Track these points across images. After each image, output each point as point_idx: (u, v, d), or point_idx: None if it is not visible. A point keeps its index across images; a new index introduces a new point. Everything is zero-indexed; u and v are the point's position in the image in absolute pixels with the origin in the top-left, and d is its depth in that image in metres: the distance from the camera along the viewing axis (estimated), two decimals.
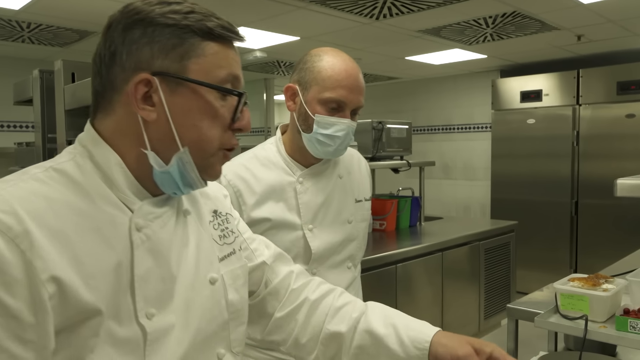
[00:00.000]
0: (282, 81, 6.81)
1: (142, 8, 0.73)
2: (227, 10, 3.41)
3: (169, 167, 0.73)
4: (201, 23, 0.73)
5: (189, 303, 0.78)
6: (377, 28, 3.91)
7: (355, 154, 1.56)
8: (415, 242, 3.24)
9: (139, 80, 0.71)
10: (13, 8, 3.25)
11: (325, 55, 1.32)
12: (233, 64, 0.77)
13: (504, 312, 3.93)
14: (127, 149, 0.74)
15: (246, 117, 0.79)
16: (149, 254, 0.73)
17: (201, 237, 0.85)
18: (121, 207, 0.73)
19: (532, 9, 3.48)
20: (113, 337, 0.67)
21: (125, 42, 0.72)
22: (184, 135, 0.73)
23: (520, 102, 5.23)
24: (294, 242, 1.34)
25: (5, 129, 4.52)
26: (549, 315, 1.21)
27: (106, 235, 0.69)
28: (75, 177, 0.71)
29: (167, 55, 0.71)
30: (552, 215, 5.07)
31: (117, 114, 0.74)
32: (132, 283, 0.70)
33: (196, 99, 0.73)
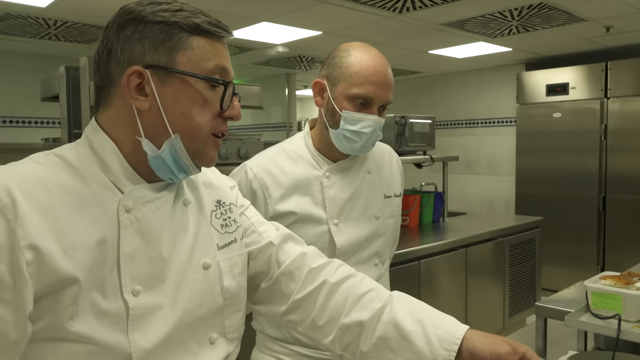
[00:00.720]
0: (304, 76, 6.80)
1: (134, 8, 0.80)
2: (250, 5, 3.41)
3: (160, 152, 0.79)
4: (188, 19, 0.79)
5: (179, 286, 0.83)
6: (399, 22, 3.87)
7: (387, 149, 1.54)
8: (438, 238, 3.20)
9: (132, 72, 0.77)
10: (40, 6, 3.31)
11: (354, 50, 1.30)
12: (220, 56, 0.82)
13: (529, 310, 3.87)
14: (124, 137, 0.81)
15: (236, 107, 0.85)
16: (137, 235, 0.78)
17: (200, 225, 0.89)
18: (113, 190, 0.79)
19: (559, 0, 3.40)
20: (96, 308, 0.73)
21: (119, 39, 0.79)
22: (175, 122, 0.79)
23: (546, 95, 5.13)
24: (319, 236, 1.33)
25: (32, 125, 4.61)
26: (579, 314, 1.18)
27: (92, 213, 0.75)
28: (72, 162, 0.78)
29: (157, 50, 0.78)
30: (579, 211, 4.97)
31: (115, 105, 0.81)
32: (118, 260, 0.76)
33: (185, 89, 0.79)
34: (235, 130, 7.22)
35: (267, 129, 6.98)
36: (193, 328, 0.84)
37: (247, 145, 2.34)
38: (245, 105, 2.51)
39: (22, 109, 4.57)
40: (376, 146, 1.44)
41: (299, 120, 7.51)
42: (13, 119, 4.55)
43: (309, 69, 6.19)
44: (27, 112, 4.59)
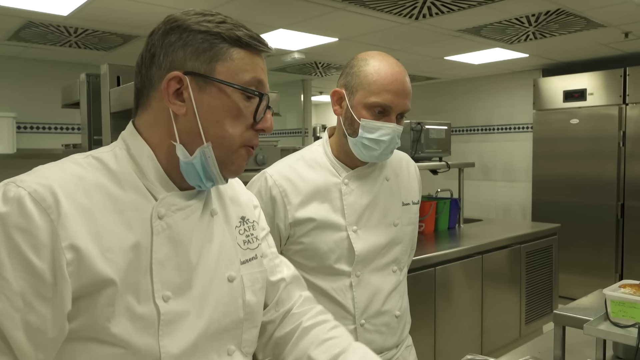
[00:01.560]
0: (320, 82, 6.83)
1: (180, 17, 0.83)
2: (267, 12, 3.44)
3: (192, 158, 0.81)
4: (231, 31, 0.82)
5: (205, 295, 0.84)
6: (416, 28, 3.88)
7: (405, 156, 1.55)
8: (454, 245, 3.19)
9: (172, 77, 0.80)
10: (62, 14, 3.37)
11: (372, 59, 1.32)
12: (258, 69, 0.84)
13: (545, 318, 3.84)
14: (159, 140, 0.83)
15: (268, 119, 0.86)
16: (168, 241, 0.80)
17: (225, 237, 0.91)
18: (147, 196, 0.81)
19: (577, 7, 3.38)
20: (131, 311, 0.75)
21: (163, 45, 0.82)
22: (208, 130, 0.81)
23: (563, 101, 5.09)
24: (337, 242, 1.34)
25: (53, 131, 4.69)
26: (598, 323, 1.18)
27: (128, 218, 0.78)
28: (110, 165, 0.81)
29: (198, 58, 0.80)
30: (597, 218, 4.92)
31: (153, 109, 0.83)
32: (151, 265, 0.78)
33: (221, 98, 0.81)
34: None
35: (283, 134, 7.02)
36: (216, 338, 0.86)
37: (264, 152, 2.36)
38: None
39: (43, 115, 4.66)
40: (394, 154, 1.45)
41: (314, 126, 7.54)
42: (34, 125, 4.64)
43: (325, 75, 6.21)
44: (47, 118, 4.67)
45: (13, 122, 4.10)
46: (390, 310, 1.41)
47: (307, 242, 1.34)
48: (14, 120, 4.11)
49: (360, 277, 1.36)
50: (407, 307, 1.51)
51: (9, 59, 4.54)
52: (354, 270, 1.36)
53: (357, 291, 1.36)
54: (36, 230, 0.69)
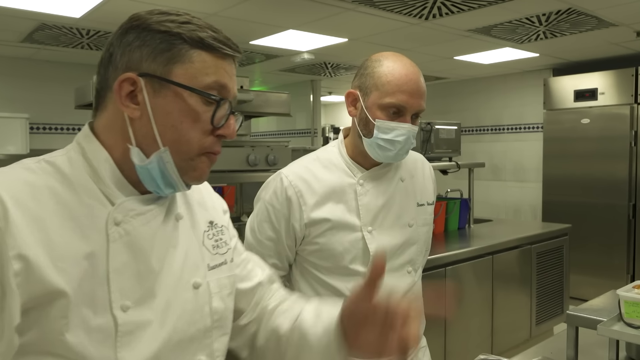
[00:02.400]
0: (329, 82, 6.84)
1: (141, 16, 0.79)
2: (277, 13, 3.45)
3: (148, 162, 0.77)
4: (193, 32, 0.77)
5: (169, 303, 0.81)
6: (425, 28, 3.88)
7: (420, 157, 1.55)
8: (464, 245, 3.19)
9: (124, 79, 0.76)
10: (74, 16, 3.41)
11: (386, 60, 1.32)
12: (221, 73, 0.79)
13: (556, 318, 3.82)
14: (116, 144, 0.79)
15: (231, 125, 0.82)
16: (126, 249, 0.76)
17: (191, 242, 0.88)
18: (103, 201, 0.77)
19: (588, 6, 3.37)
20: (86, 323, 0.71)
21: (121, 44, 0.78)
22: (165, 134, 0.77)
23: (574, 101, 5.07)
24: (353, 243, 1.35)
25: (65, 132, 4.74)
26: (612, 323, 1.18)
27: (82, 225, 0.74)
28: (63, 170, 0.76)
29: (155, 59, 0.76)
30: (608, 219, 4.88)
31: (109, 110, 0.80)
32: (108, 274, 0.74)
33: (178, 102, 0.77)
34: (262, 137, 7.30)
35: (292, 135, 7.04)
36: (182, 348, 0.83)
37: (275, 152, 2.38)
38: (274, 112, 2.54)
39: (56, 115, 4.71)
40: (409, 154, 1.45)
41: (323, 127, 7.55)
42: (47, 125, 4.69)
43: (334, 76, 6.22)
44: (60, 119, 4.72)
45: (26, 123, 4.15)
46: None
47: (322, 243, 1.35)
48: (27, 121, 4.16)
49: None
50: (422, 308, 1.50)
51: (23, 61, 4.59)
52: None
53: None
54: None
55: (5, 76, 4.51)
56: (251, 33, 3.98)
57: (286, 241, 1.37)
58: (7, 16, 3.38)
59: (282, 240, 1.37)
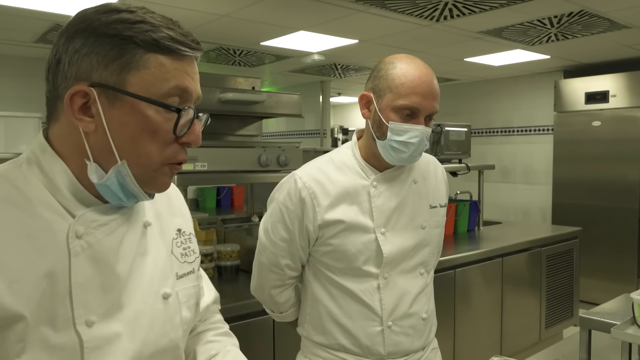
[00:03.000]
0: (338, 83, 6.84)
1: (87, 17, 0.71)
2: (289, 14, 3.47)
3: (105, 179, 0.72)
4: (147, 34, 0.70)
5: (139, 315, 0.78)
6: (436, 30, 3.87)
7: (432, 159, 1.56)
8: (474, 247, 3.19)
9: (74, 92, 0.70)
10: None
11: (399, 62, 1.33)
12: (181, 76, 0.73)
13: (566, 322, 3.80)
14: (71, 156, 0.74)
15: (195, 131, 0.76)
16: (89, 262, 0.72)
17: (159, 250, 0.84)
18: (62, 214, 0.72)
19: (600, 8, 3.35)
20: (46, 342, 0.68)
21: (68, 51, 0.71)
22: (122, 148, 0.72)
23: (585, 103, 5.04)
24: (366, 245, 1.35)
25: None
26: (626, 327, 1.18)
27: (39, 242, 0.69)
28: (17, 183, 0.72)
29: (107, 67, 0.70)
30: (619, 222, 4.85)
31: (62, 121, 0.74)
32: (70, 291, 0.70)
33: (134, 113, 0.71)
34: (272, 138, 7.32)
35: (301, 135, 7.05)
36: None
37: (286, 153, 2.39)
38: (285, 113, 2.56)
39: None
40: (422, 156, 1.46)
41: (332, 127, 7.56)
42: None
43: (343, 77, 6.23)
44: None
45: (39, 122, 4.19)
46: (417, 313, 1.42)
47: (336, 244, 1.35)
48: (40, 120, 4.20)
49: (388, 279, 1.37)
50: (434, 310, 1.51)
51: (36, 61, 4.64)
52: (382, 272, 1.37)
53: (384, 293, 1.37)
54: None
55: (19, 76, 4.56)
56: (262, 34, 4.00)
57: (299, 242, 1.38)
58: (21, 17, 3.42)
59: (295, 241, 1.38)
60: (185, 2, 3.10)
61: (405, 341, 1.40)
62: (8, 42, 4.11)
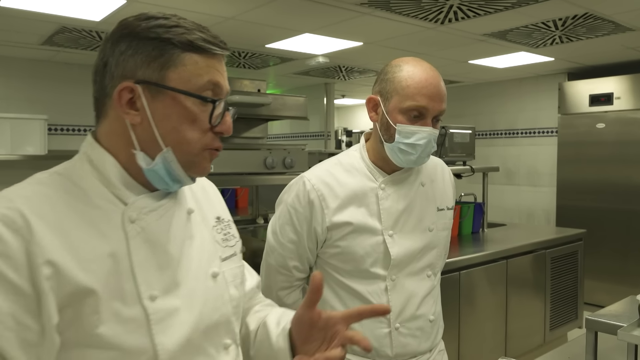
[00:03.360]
0: (342, 86, 6.86)
1: (130, 23, 0.82)
2: (294, 17, 3.48)
3: (153, 165, 0.82)
4: (182, 36, 0.80)
5: (193, 291, 0.86)
6: (441, 32, 3.88)
7: (440, 162, 1.56)
8: (478, 249, 3.19)
9: (122, 87, 0.80)
10: (94, 20, 3.47)
11: (405, 65, 1.34)
12: (213, 72, 0.83)
13: (570, 324, 3.80)
14: (120, 149, 0.83)
15: (227, 122, 0.86)
16: (144, 243, 0.82)
17: (204, 235, 0.93)
18: (115, 202, 0.82)
19: (605, 10, 3.36)
20: (118, 315, 0.77)
21: (114, 53, 0.81)
22: (166, 136, 0.81)
23: (589, 105, 5.04)
24: (374, 246, 1.36)
25: (83, 133, 4.80)
26: (632, 328, 1.19)
27: (100, 228, 0.79)
28: (74, 179, 0.81)
29: (149, 66, 0.80)
30: (624, 224, 4.85)
31: (110, 118, 0.83)
32: (132, 269, 0.80)
33: (175, 105, 0.81)
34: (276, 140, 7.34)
35: (305, 137, 7.06)
36: (209, 333, 0.88)
37: (292, 155, 2.40)
38: (291, 115, 2.57)
39: (74, 117, 4.78)
40: (429, 159, 1.46)
41: (336, 129, 7.56)
42: (65, 126, 4.76)
43: (348, 79, 6.24)
44: (78, 120, 4.79)
45: (45, 124, 4.22)
46: (424, 315, 1.42)
47: (344, 246, 1.36)
48: (45, 122, 4.23)
49: (396, 281, 1.38)
50: (441, 312, 1.52)
51: (42, 63, 4.67)
52: (389, 274, 1.38)
53: (392, 295, 1.38)
54: (12, 252, 0.71)
55: (25, 78, 4.59)
56: (267, 36, 4.01)
57: (307, 244, 1.39)
58: (28, 19, 3.44)
59: (303, 242, 1.39)
60: (192, 5, 3.12)
61: (412, 343, 1.40)
62: (15, 45, 4.14)
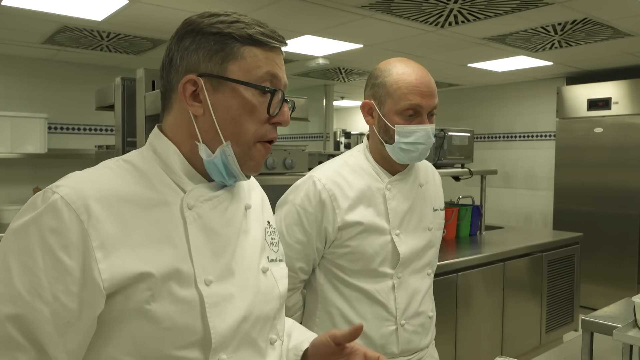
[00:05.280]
0: (342, 87, 6.88)
1: (194, 20, 0.86)
2: (295, 19, 3.50)
3: (213, 157, 0.85)
4: (242, 30, 0.84)
5: (246, 281, 0.89)
6: (441, 36, 3.91)
7: (429, 165, 1.61)
8: (475, 252, 3.21)
9: (186, 80, 0.84)
10: (96, 19, 3.48)
11: (393, 67, 1.38)
12: (272, 64, 0.86)
13: (566, 327, 3.82)
14: (183, 140, 0.87)
15: (285, 112, 0.88)
16: (201, 230, 0.85)
17: (257, 232, 0.96)
18: (175, 189, 0.85)
19: (604, 16, 3.38)
20: (173, 295, 0.79)
21: (179, 49, 0.86)
22: (225, 127, 0.84)
23: (587, 110, 5.07)
24: (382, 246, 1.40)
25: (82, 132, 4.81)
26: (627, 329, 1.21)
27: (158, 213, 0.82)
28: (138, 165, 0.85)
29: (211, 59, 0.84)
30: (620, 229, 4.88)
31: (175, 110, 0.88)
32: (190, 253, 0.82)
33: (235, 96, 0.84)
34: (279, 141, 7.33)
35: (304, 139, 7.07)
36: (259, 325, 0.90)
37: (292, 156, 2.42)
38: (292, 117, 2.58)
39: (73, 116, 4.78)
40: (421, 162, 1.52)
41: (335, 131, 7.57)
42: (64, 125, 4.76)
43: (347, 81, 6.26)
44: (77, 119, 4.79)
45: (45, 123, 4.21)
46: (425, 312, 1.46)
47: (354, 246, 1.39)
48: (45, 121, 4.22)
49: (401, 279, 1.42)
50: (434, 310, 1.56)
51: (42, 62, 4.67)
52: (396, 273, 1.41)
53: (398, 292, 1.41)
54: (66, 231, 0.73)
55: (25, 77, 4.59)
56: None
57: (316, 244, 1.41)
58: (30, 18, 3.45)
59: (312, 243, 1.40)
60: (193, 6, 3.13)
61: (415, 339, 1.44)
62: (16, 43, 4.15)
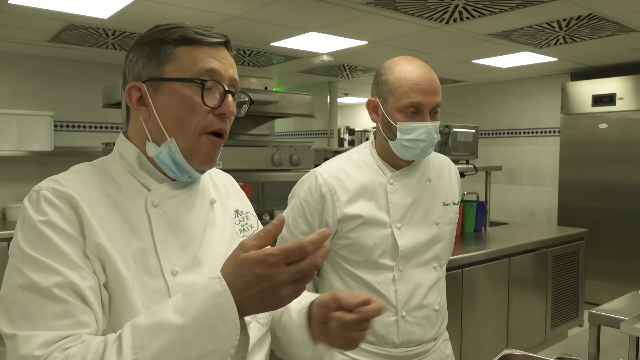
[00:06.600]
0: (346, 84, 6.88)
1: (139, 37, 0.95)
2: (300, 16, 3.51)
3: (158, 152, 0.92)
4: (175, 33, 0.91)
5: (213, 270, 0.90)
6: (445, 32, 3.91)
7: (446, 159, 1.63)
8: (480, 247, 3.22)
9: (129, 87, 0.92)
10: (102, 17, 3.49)
11: (397, 65, 1.42)
12: (208, 59, 0.91)
13: (571, 322, 3.83)
14: (141, 142, 0.94)
15: (227, 103, 0.92)
16: (166, 225, 0.91)
17: (225, 223, 1.02)
18: (141, 189, 0.92)
19: (609, 11, 3.38)
20: (144, 286, 0.86)
21: (127, 64, 0.95)
22: (168, 125, 0.90)
23: (592, 106, 5.06)
24: (382, 238, 1.43)
25: (88, 130, 4.83)
26: (635, 322, 1.22)
27: (126, 211, 0.89)
28: (106, 170, 0.93)
29: (150, 65, 0.91)
30: (625, 224, 4.88)
31: (132, 117, 0.96)
32: (155, 247, 0.89)
33: (173, 94, 0.90)
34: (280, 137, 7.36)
35: (309, 135, 7.09)
36: None
37: (299, 152, 2.44)
38: (298, 113, 2.60)
39: (80, 114, 4.80)
40: (436, 156, 1.55)
41: (339, 127, 7.59)
42: (70, 123, 4.79)
43: (351, 77, 6.27)
44: (84, 117, 4.81)
45: (51, 121, 4.23)
46: (430, 305, 1.48)
47: (354, 238, 1.43)
48: (51, 118, 4.25)
49: (403, 271, 1.44)
50: (445, 303, 1.58)
51: (48, 60, 4.70)
52: (397, 265, 1.44)
53: (399, 284, 1.44)
54: (64, 211, 0.83)
55: (32, 75, 4.61)
56: (273, 35, 4.04)
57: None
58: (36, 16, 3.47)
59: None
60: (200, 3, 3.14)
61: (418, 331, 1.46)
62: (22, 41, 4.17)
